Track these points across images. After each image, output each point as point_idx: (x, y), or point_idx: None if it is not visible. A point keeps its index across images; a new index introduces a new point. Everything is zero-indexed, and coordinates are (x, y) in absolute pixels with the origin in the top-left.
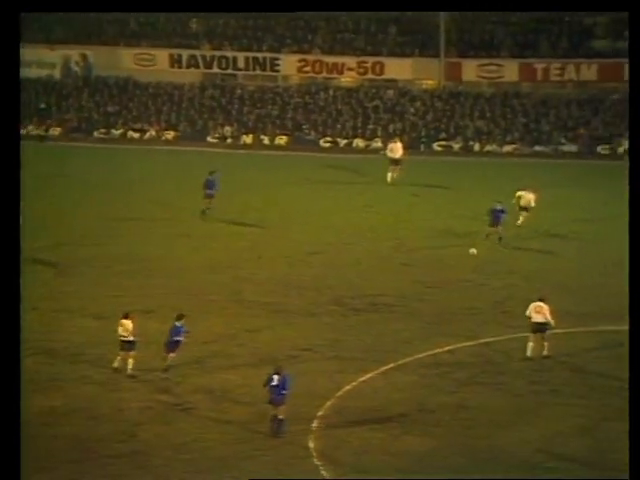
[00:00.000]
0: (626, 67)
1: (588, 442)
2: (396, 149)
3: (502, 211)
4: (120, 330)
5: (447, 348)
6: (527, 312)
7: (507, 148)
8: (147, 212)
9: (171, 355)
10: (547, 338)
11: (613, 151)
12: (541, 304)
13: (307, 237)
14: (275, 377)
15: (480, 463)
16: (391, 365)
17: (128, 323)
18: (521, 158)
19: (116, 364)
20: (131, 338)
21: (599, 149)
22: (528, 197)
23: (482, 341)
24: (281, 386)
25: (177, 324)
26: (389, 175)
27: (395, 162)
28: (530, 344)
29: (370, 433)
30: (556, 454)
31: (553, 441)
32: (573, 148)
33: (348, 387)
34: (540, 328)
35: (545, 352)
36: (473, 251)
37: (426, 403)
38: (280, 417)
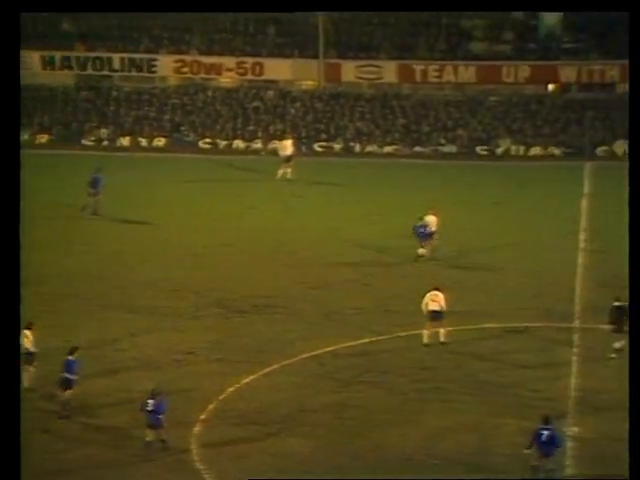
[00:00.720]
0: (504, 69)
1: (472, 439)
2: (286, 146)
3: (424, 227)
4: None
5: (330, 348)
6: (424, 301)
7: (387, 149)
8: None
9: (67, 392)
10: (443, 325)
11: (491, 152)
12: (437, 292)
13: (189, 239)
14: (150, 402)
15: (364, 462)
16: (274, 366)
17: (29, 334)
18: (401, 159)
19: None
20: (32, 350)
21: (478, 150)
22: (431, 220)
23: (365, 341)
24: (156, 410)
25: (70, 358)
26: (279, 172)
27: (286, 159)
28: (426, 332)
29: (252, 435)
30: (440, 451)
31: (437, 438)
32: (452, 149)
33: (231, 389)
34: (435, 316)
35: (442, 339)
36: (422, 251)
37: (309, 404)
38: (162, 438)
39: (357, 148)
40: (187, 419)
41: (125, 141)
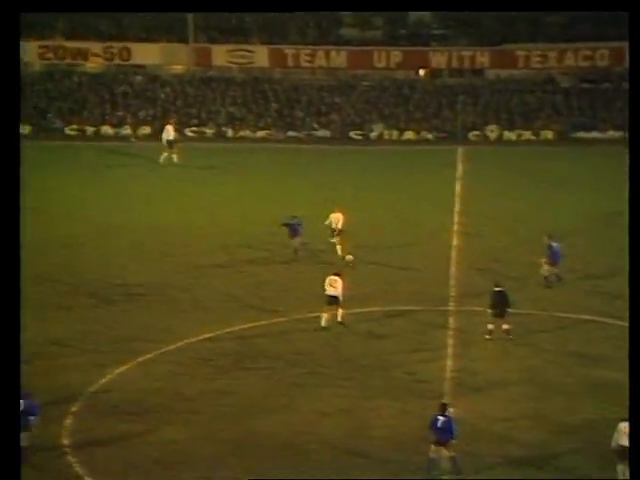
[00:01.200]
0: (375, 54)
1: (350, 422)
2: (169, 131)
3: (299, 224)
4: None
5: (206, 335)
6: (325, 285)
7: (261, 133)
8: None
9: None
10: (340, 307)
11: (365, 136)
12: (336, 278)
13: (59, 227)
14: (440, 419)
15: (243, 449)
16: (149, 355)
17: None
18: (275, 143)
19: None
20: None
21: (352, 134)
22: (337, 217)
23: (242, 327)
24: (27, 412)
25: None
26: (163, 156)
27: (169, 144)
28: (324, 315)
29: (127, 425)
30: (319, 436)
31: (315, 423)
32: (326, 133)
33: (104, 380)
34: (332, 300)
35: (339, 319)
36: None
37: (186, 392)
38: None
39: (230, 133)
40: (57, 413)
41: None
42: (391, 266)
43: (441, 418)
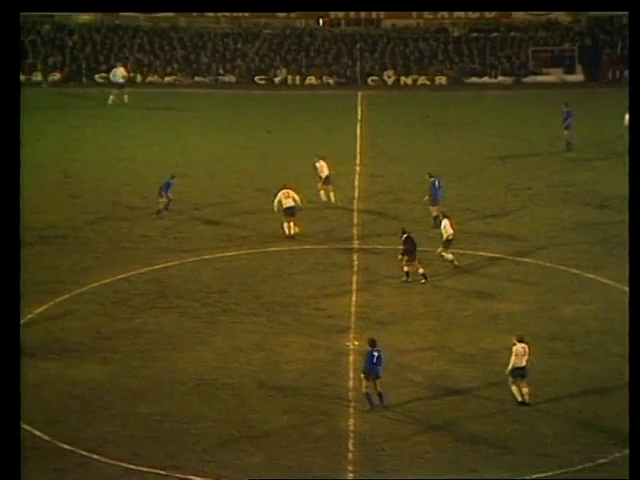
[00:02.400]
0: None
1: (262, 357)
2: (120, 73)
3: (169, 184)
4: None
5: (122, 276)
6: (276, 200)
7: (168, 79)
8: None
9: None
10: (297, 220)
11: (270, 81)
12: (288, 190)
13: None
14: (375, 354)
15: (159, 386)
16: (66, 296)
17: None
18: (182, 89)
19: None
20: None
21: (256, 79)
22: (322, 165)
23: (156, 267)
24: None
25: None
26: (110, 98)
27: (120, 86)
28: (286, 225)
29: (46, 364)
30: (232, 371)
31: (229, 358)
32: (232, 78)
33: (23, 320)
34: (291, 212)
35: (292, 231)
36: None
37: (103, 331)
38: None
39: (138, 78)
40: None
41: None
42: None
43: (375, 353)
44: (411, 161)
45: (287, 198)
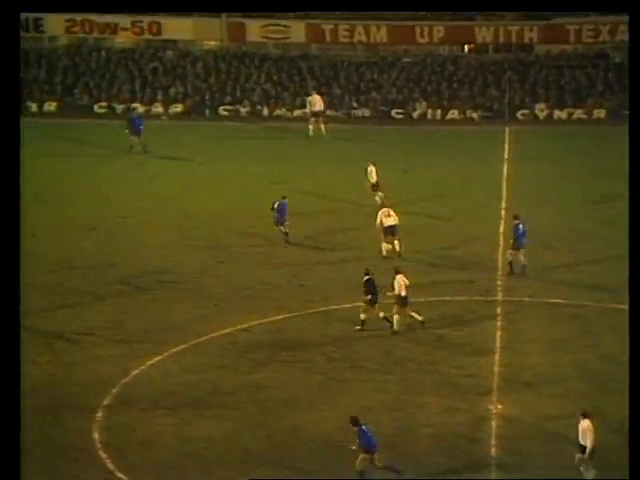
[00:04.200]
0: (417, 29)
1: (393, 419)
2: (315, 101)
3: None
4: None
5: (242, 326)
6: (377, 221)
7: (297, 112)
8: None
9: None
10: (400, 238)
11: (407, 115)
12: (388, 209)
13: (82, 211)
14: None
15: (281, 445)
16: (182, 346)
17: None
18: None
19: None
20: None
21: (393, 113)
22: (371, 170)
23: (279, 317)
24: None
25: None
26: (310, 128)
27: (315, 114)
28: (384, 244)
29: (160, 420)
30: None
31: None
32: (366, 112)
33: (136, 372)
34: (392, 231)
35: (397, 248)
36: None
37: (220, 385)
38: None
39: (265, 111)
40: (88, 405)
41: None
42: (436, 258)
43: (365, 428)
44: (563, 205)
45: (387, 217)
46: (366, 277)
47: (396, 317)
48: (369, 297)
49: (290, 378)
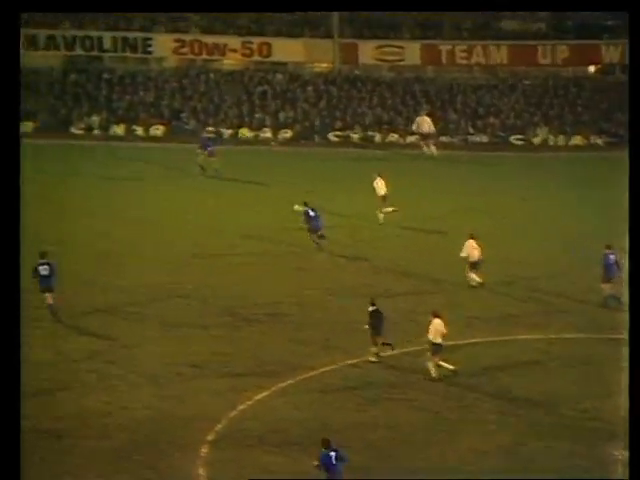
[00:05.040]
0: (539, 49)
1: (510, 462)
2: (424, 123)
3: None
4: None
5: (352, 361)
6: (465, 251)
7: (411, 138)
8: None
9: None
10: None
11: (527, 141)
12: (474, 241)
13: (189, 239)
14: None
15: None
16: (291, 381)
17: None
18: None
19: None
20: None
21: (512, 139)
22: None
23: (391, 353)
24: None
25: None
26: (425, 149)
27: (424, 137)
28: (471, 275)
29: (268, 457)
30: (476, 475)
31: (470, 460)
32: (483, 138)
33: (242, 407)
34: (474, 266)
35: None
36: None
37: (330, 423)
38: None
39: (377, 138)
40: (193, 440)
41: (119, 129)
42: (540, 290)
43: (332, 454)
44: None
45: (474, 250)
46: (372, 308)
47: (430, 364)
48: (369, 328)
49: (403, 417)
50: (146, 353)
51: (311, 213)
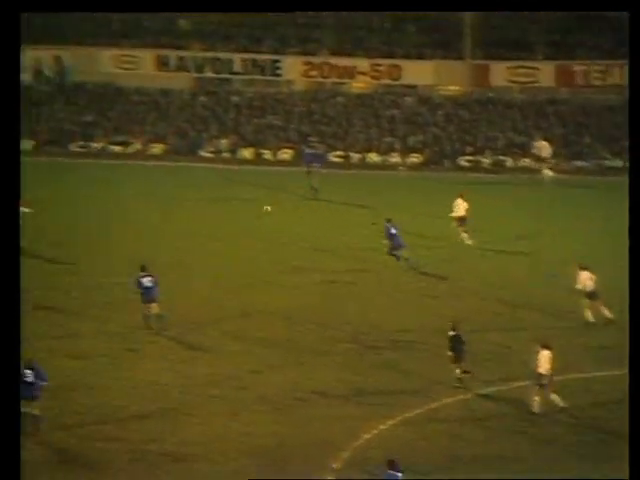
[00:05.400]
0: None
1: None
2: (543, 147)
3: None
4: None
5: (481, 392)
6: (579, 285)
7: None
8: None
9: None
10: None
11: None
12: (588, 272)
13: (312, 265)
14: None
15: None
16: (417, 411)
17: None
18: (559, 175)
19: None
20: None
21: None
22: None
23: (521, 384)
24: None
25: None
26: (545, 174)
27: (541, 160)
28: (587, 312)
29: None
30: None
31: None
32: (619, 163)
33: (367, 436)
34: (591, 296)
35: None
36: (267, 208)
37: (459, 454)
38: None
39: (509, 163)
40: (318, 467)
41: (247, 153)
42: None
43: (399, 475)
44: None
45: (588, 280)
46: (452, 333)
47: (537, 398)
48: (451, 354)
49: (529, 450)
50: (270, 378)
51: (392, 230)
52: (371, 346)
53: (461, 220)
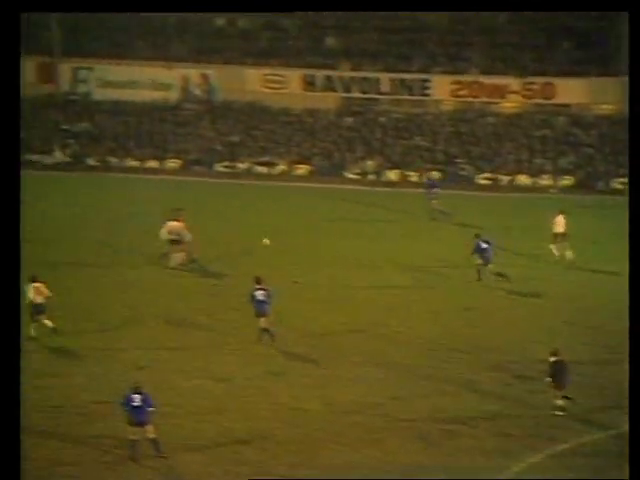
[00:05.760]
0: None
1: None
2: None
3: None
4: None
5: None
6: None
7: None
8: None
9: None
10: None
11: None
12: None
13: (460, 290)
14: (136, 397)
15: None
16: (566, 445)
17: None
18: None
19: None
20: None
21: None
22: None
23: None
24: (146, 404)
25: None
26: None
27: None
28: None
29: None
30: None
31: None
32: None
33: (515, 469)
34: None
35: None
36: (266, 241)
37: None
38: (151, 436)
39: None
40: None
41: (393, 175)
42: None
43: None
44: None
45: None
46: (554, 358)
47: None
48: (551, 380)
49: None
50: (415, 407)
51: (483, 245)
52: (517, 375)
53: (556, 236)
